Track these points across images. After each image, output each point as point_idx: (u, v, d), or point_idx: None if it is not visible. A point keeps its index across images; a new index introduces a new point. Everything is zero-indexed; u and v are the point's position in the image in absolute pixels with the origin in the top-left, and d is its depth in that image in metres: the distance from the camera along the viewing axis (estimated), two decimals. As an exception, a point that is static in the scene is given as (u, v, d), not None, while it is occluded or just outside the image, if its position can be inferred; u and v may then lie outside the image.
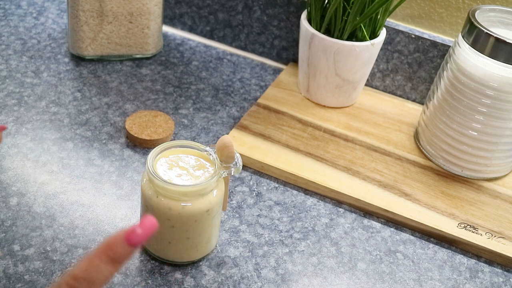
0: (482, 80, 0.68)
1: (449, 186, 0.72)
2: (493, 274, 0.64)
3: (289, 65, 0.90)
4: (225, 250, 0.62)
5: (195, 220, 0.56)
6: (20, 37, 0.89)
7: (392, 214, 0.67)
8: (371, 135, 0.78)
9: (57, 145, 0.71)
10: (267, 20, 0.89)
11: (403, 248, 0.65)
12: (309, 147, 0.74)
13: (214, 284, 0.58)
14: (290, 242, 0.64)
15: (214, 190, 0.56)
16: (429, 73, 0.83)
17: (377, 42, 0.77)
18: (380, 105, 0.84)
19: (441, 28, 0.83)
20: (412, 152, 0.76)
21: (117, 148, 0.72)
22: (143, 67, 0.86)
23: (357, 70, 0.79)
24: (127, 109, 0.78)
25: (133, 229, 0.35)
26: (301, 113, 0.80)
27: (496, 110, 0.68)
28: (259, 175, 0.71)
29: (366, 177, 0.71)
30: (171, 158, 0.58)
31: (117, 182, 0.67)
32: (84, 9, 0.81)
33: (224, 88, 0.85)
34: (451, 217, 0.68)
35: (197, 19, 0.94)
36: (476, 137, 0.71)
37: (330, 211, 0.68)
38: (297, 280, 0.60)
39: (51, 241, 0.59)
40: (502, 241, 0.65)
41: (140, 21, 0.84)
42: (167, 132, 0.73)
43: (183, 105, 0.80)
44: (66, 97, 0.79)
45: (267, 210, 0.67)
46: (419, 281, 0.62)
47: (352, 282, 0.60)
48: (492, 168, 0.73)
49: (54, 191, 0.65)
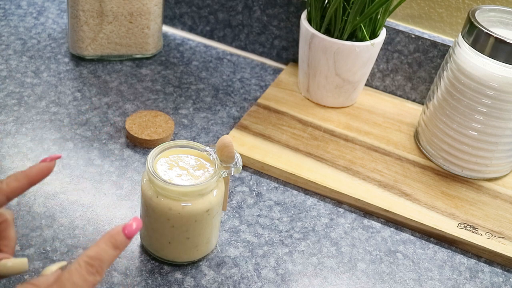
0: (482, 80, 0.68)
1: (449, 186, 0.72)
2: (493, 274, 0.64)
3: (289, 65, 0.90)
4: (225, 250, 0.62)
5: (195, 220, 0.56)
6: (20, 37, 0.89)
7: (392, 214, 0.67)
8: (371, 135, 0.78)
9: (57, 145, 0.71)
10: (267, 20, 0.89)
11: (403, 248, 0.65)
12: (309, 147, 0.74)
13: (214, 284, 0.58)
14: (290, 242, 0.64)
15: (214, 190, 0.56)
16: (429, 73, 0.83)
17: (377, 42, 0.77)
18: (380, 105, 0.84)
19: (441, 28, 0.83)
20: (412, 152, 0.76)
21: (117, 148, 0.72)
22: (143, 67, 0.86)
23: (357, 70, 0.79)
24: (127, 109, 0.78)
25: (129, 223, 0.45)
26: (301, 113, 0.80)
27: (496, 110, 0.68)
28: (259, 175, 0.71)
29: (366, 177, 0.71)
30: (171, 158, 0.58)
31: (117, 182, 0.67)
32: (84, 9, 0.81)
33: (224, 88, 0.85)
34: (451, 217, 0.68)
35: (197, 19, 0.94)
36: (476, 137, 0.71)
37: (330, 211, 0.68)
38: (297, 280, 0.60)
39: (51, 241, 0.59)
40: (502, 241, 0.65)
41: (140, 21, 0.84)
42: (167, 132, 0.73)
43: (183, 105, 0.80)
44: (66, 97, 0.79)
45: (267, 210, 0.67)
46: (419, 281, 0.62)
47: (352, 282, 0.60)
48: (492, 168, 0.73)
49: (54, 191, 0.65)
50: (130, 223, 0.45)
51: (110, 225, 0.62)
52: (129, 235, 0.45)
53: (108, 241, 0.44)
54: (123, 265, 0.58)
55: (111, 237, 0.44)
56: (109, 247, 0.44)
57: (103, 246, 0.43)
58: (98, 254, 0.43)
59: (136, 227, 0.45)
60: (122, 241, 0.44)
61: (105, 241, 0.44)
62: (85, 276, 0.42)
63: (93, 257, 0.43)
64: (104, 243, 0.44)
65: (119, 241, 0.44)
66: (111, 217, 0.63)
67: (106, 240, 0.44)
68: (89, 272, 0.42)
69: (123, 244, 0.44)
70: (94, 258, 0.43)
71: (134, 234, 0.45)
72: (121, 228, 0.44)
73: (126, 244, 0.45)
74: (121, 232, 0.44)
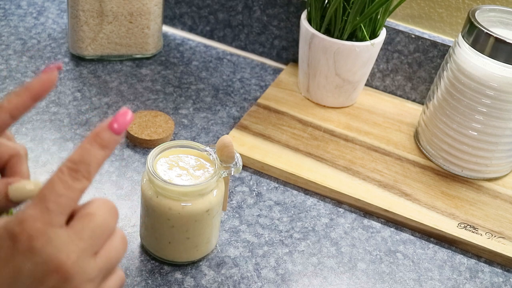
0: (482, 80, 0.68)
1: (449, 186, 0.72)
2: (493, 274, 0.64)
3: (289, 65, 0.90)
4: (225, 250, 0.62)
5: (195, 220, 0.56)
6: (20, 37, 0.89)
7: (392, 214, 0.67)
8: (371, 135, 0.78)
9: (57, 145, 0.71)
10: (267, 20, 0.89)
11: (403, 248, 0.65)
12: (309, 147, 0.74)
13: (214, 284, 0.58)
14: (290, 242, 0.64)
15: (214, 190, 0.56)
16: (429, 73, 0.83)
17: (377, 42, 0.77)
18: (380, 105, 0.84)
19: (441, 28, 0.83)
20: (412, 152, 0.76)
21: (117, 148, 0.72)
22: (143, 67, 0.86)
23: (357, 70, 0.79)
24: (127, 109, 0.78)
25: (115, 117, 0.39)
26: (301, 113, 0.80)
27: (496, 110, 0.68)
28: (259, 175, 0.71)
29: (366, 177, 0.71)
30: (171, 158, 0.58)
31: (117, 182, 0.67)
32: (84, 9, 0.81)
33: (224, 88, 0.85)
34: (451, 217, 0.68)
35: (197, 19, 0.94)
36: (476, 137, 0.71)
37: (330, 211, 0.68)
38: (297, 280, 0.60)
39: (51, 241, 0.59)
40: (502, 241, 0.65)
41: (140, 21, 0.84)
42: (167, 132, 0.73)
43: (183, 105, 0.80)
44: (66, 97, 0.79)
45: (267, 210, 0.67)
46: (419, 281, 0.62)
47: (352, 282, 0.60)
48: (492, 168, 0.73)
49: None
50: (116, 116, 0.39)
51: (110, 225, 0.62)
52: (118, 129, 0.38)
53: (93, 141, 0.38)
54: (123, 265, 0.58)
55: (96, 136, 0.38)
56: (94, 147, 0.38)
57: (87, 146, 0.38)
58: (81, 156, 0.37)
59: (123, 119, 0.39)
60: (110, 139, 0.38)
61: (89, 141, 0.38)
62: (69, 182, 0.37)
63: (77, 160, 0.37)
64: (88, 143, 0.38)
65: (106, 139, 0.38)
66: (111, 217, 0.63)
67: (90, 140, 0.38)
68: (73, 178, 0.37)
69: (111, 142, 0.38)
70: (78, 161, 0.37)
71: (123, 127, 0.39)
72: (107, 123, 0.38)
73: (116, 142, 0.39)
74: (107, 128, 0.38)
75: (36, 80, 0.43)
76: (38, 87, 0.43)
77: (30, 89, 0.43)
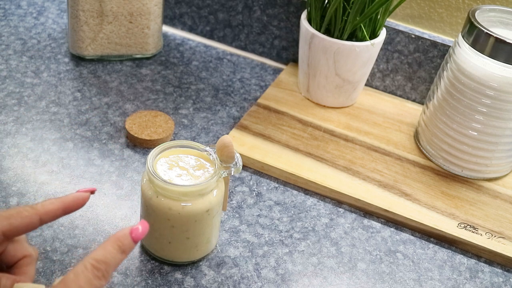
0: (482, 80, 0.68)
1: (449, 186, 0.72)
2: (493, 274, 0.64)
3: (289, 65, 0.90)
4: (225, 250, 0.62)
5: (195, 220, 0.56)
6: (20, 37, 0.89)
7: (392, 214, 0.67)
8: (371, 135, 0.78)
9: (57, 145, 0.71)
10: (267, 20, 0.89)
11: (403, 248, 0.65)
12: (309, 147, 0.74)
13: (214, 284, 0.58)
14: (290, 242, 0.64)
15: (214, 190, 0.56)
16: (429, 73, 0.83)
17: (377, 42, 0.77)
18: (380, 105, 0.84)
19: (441, 28, 0.83)
20: (412, 152, 0.76)
21: (117, 148, 0.72)
22: (143, 67, 0.86)
23: (357, 70, 0.79)
24: (127, 109, 0.78)
25: (136, 227, 0.44)
26: (301, 113, 0.80)
27: (496, 110, 0.68)
28: (259, 175, 0.71)
29: (366, 177, 0.71)
30: (171, 158, 0.58)
31: (117, 182, 0.67)
32: (84, 9, 0.81)
33: (224, 88, 0.85)
34: (451, 217, 0.68)
35: (197, 19, 0.94)
36: (476, 137, 0.71)
37: (330, 211, 0.68)
38: (297, 280, 0.60)
39: (51, 241, 0.59)
40: (502, 241, 0.65)
41: (140, 21, 0.84)
42: (167, 132, 0.73)
43: (183, 105, 0.80)
44: (66, 97, 0.79)
45: (267, 210, 0.67)
46: (419, 281, 0.62)
47: (352, 282, 0.60)
48: (492, 168, 0.73)
49: (54, 191, 0.65)
50: (137, 226, 0.44)
51: (110, 225, 0.62)
52: (135, 238, 0.44)
53: (115, 244, 0.43)
54: (123, 265, 0.58)
55: (118, 240, 0.43)
56: (116, 250, 0.43)
57: (110, 249, 0.42)
58: (105, 257, 0.42)
59: (142, 231, 0.44)
60: (129, 245, 0.43)
61: (112, 244, 0.43)
62: (91, 279, 0.41)
63: (100, 260, 0.42)
64: (111, 246, 0.43)
65: (126, 244, 0.43)
66: (111, 217, 0.63)
67: (113, 243, 0.43)
68: (95, 275, 0.41)
69: (129, 247, 0.43)
70: (101, 261, 0.42)
71: (140, 238, 0.44)
72: (128, 231, 0.44)
73: (132, 248, 0.44)
74: (128, 235, 0.43)
75: (71, 196, 0.48)
76: (71, 201, 0.48)
77: (64, 201, 0.48)
